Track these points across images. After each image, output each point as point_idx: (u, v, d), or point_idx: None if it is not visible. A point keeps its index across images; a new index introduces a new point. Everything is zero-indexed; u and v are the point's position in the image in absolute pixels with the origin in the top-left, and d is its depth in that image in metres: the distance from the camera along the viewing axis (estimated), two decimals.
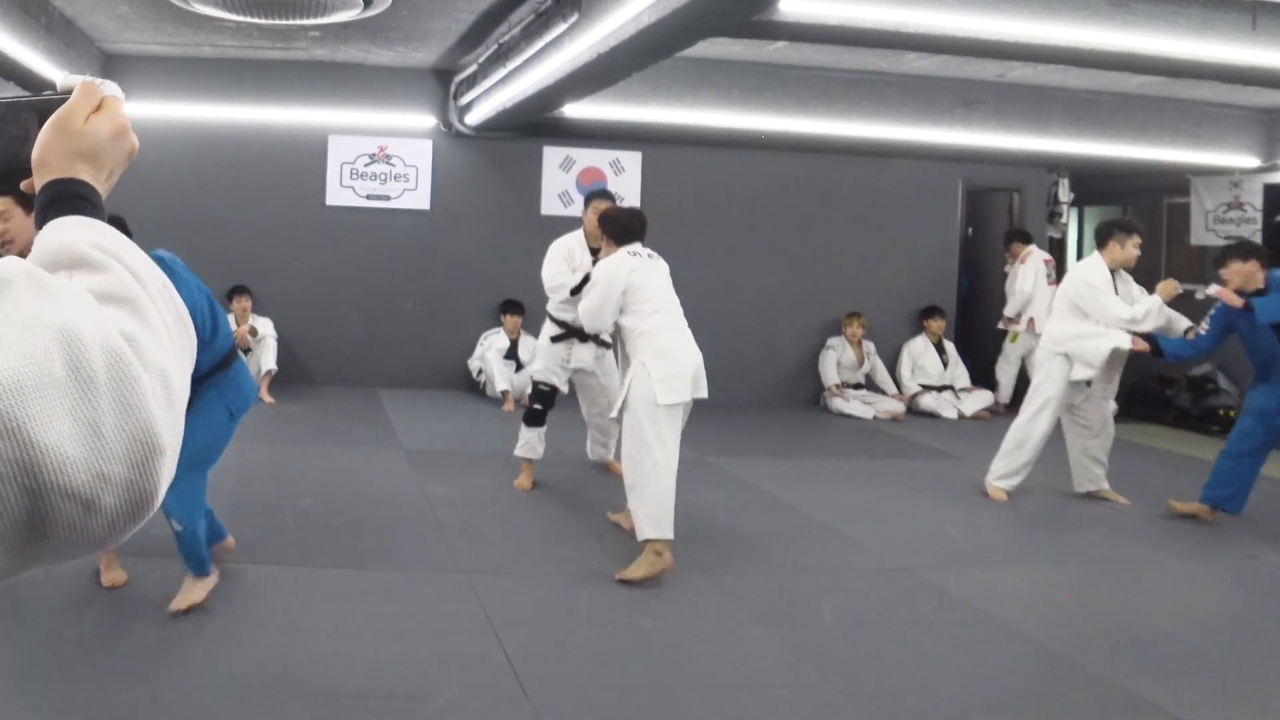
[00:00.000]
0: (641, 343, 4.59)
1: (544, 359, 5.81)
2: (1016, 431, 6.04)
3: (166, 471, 0.79)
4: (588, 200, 5.95)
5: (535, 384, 5.84)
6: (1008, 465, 6.04)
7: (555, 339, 5.77)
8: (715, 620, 4.08)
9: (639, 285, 4.65)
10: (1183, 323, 5.83)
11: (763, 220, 9.51)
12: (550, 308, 5.80)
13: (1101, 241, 5.93)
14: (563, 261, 5.75)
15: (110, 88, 1.02)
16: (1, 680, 3.18)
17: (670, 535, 4.38)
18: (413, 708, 3.19)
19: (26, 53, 6.01)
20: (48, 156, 0.97)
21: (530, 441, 5.79)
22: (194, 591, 3.84)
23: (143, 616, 3.77)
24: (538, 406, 5.79)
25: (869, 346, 9.39)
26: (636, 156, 9.28)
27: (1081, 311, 5.83)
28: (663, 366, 4.47)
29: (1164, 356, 5.81)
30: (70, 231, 0.90)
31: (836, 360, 9.28)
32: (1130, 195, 10.70)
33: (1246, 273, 5.52)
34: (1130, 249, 5.85)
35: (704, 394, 4.63)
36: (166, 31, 7.39)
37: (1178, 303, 5.81)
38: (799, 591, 4.45)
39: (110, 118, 1.00)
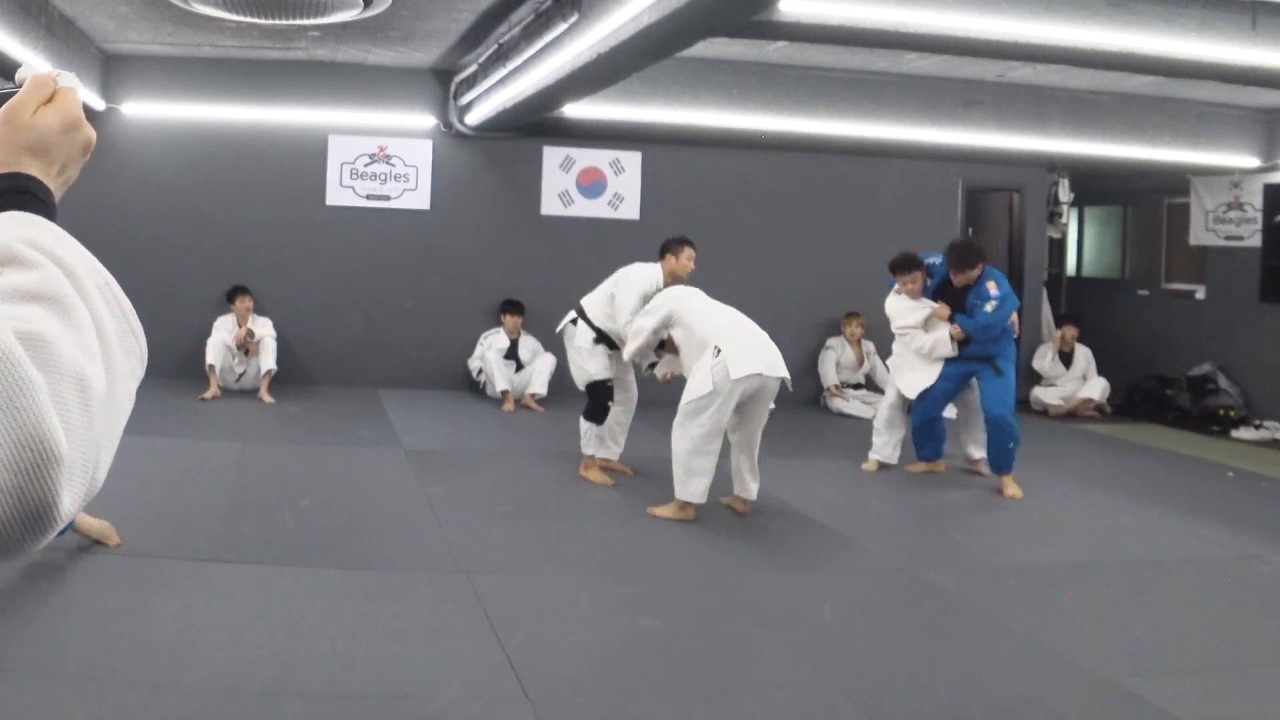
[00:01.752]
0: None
1: (599, 359, 6.00)
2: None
3: (68, 481, 0.75)
4: (675, 246, 6.20)
5: (601, 383, 6.00)
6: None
7: (597, 342, 6.02)
8: (715, 620, 4.08)
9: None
10: None
11: (763, 220, 9.51)
12: (597, 321, 6.03)
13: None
14: (639, 299, 5.92)
15: (66, 79, 0.99)
16: (2, 686, 3.18)
17: (689, 499, 5.30)
18: (413, 708, 3.19)
19: (26, 53, 6.01)
20: None
21: (601, 436, 6.05)
22: None
23: (142, 617, 3.77)
24: (610, 404, 6.03)
25: (869, 346, 9.38)
26: (636, 156, 9.28)
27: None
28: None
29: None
30: (5, 228, 0.87)
31: (836, 360, 9.29)
32: (1130, 195, 10.70)
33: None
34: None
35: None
36: (166, 31, 7.39)
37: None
38: (799, 591, 4.45)
39: (61, 110, 0.97)
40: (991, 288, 6.30)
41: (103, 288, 0.87)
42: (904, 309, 6.68)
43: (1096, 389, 9.50)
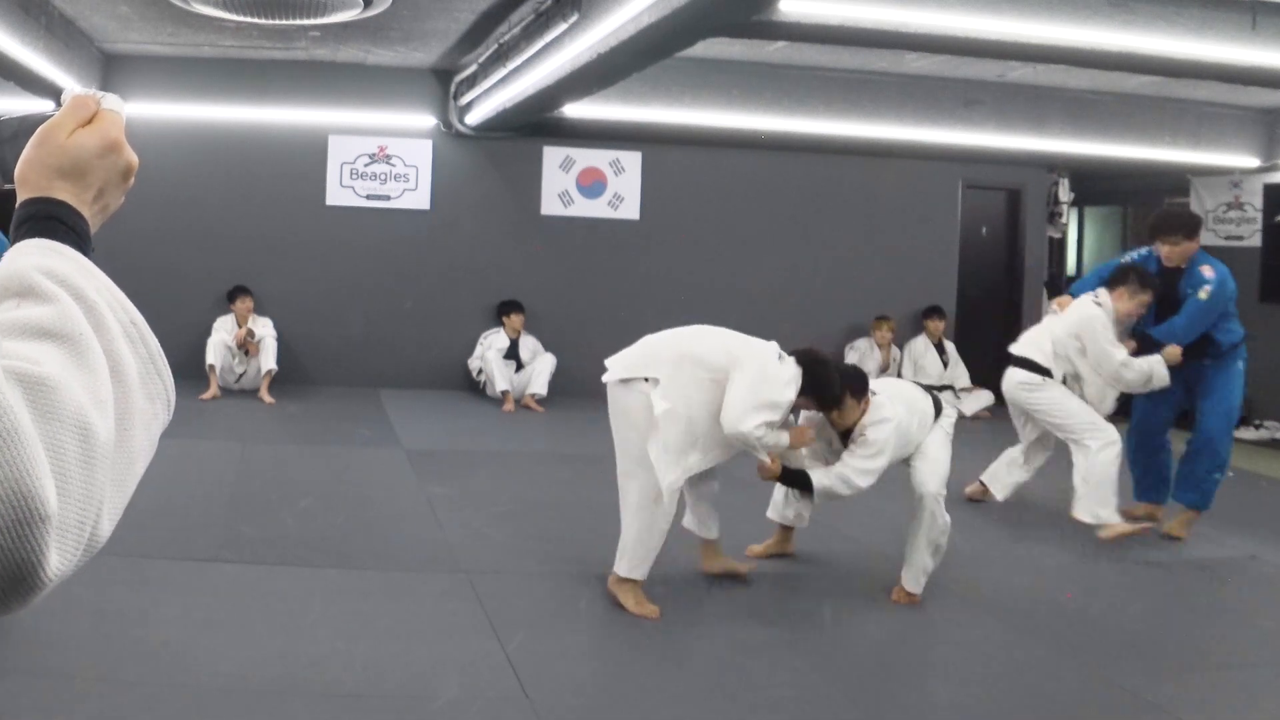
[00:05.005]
0: None
1: None
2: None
3: (57, 540, 0.70)
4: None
5: None
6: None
7: None
8: (715, 620, 4.08)
9: None
10: None
11: (762, 221, 9.51)
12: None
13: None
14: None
15: (110, 101, 0.94)
16: (2, 686, 3.18)
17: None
18: (413, 708, 3.19)
19: (26, 53, 6.01)
20: (27, 173, 0.89)
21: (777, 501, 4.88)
22: None
23: (142, 617, 3.77)
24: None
25: (896, 353, 9.30)
26: (636, 156, 9.28)
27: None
28: None
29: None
30: (27, 257, 0.82)
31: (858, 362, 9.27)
32: (1130, 195, 10.71)
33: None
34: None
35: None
36: (166, 31, 7.39)
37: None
38: (799, 591, 4.45)
39: (100, 132, 0.91)
40: (1207, 271, 5.26)
41: (127, 326, 0.82)
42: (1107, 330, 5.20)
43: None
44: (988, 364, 9.74)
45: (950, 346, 9.55)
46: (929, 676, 3.65)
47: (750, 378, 3.95)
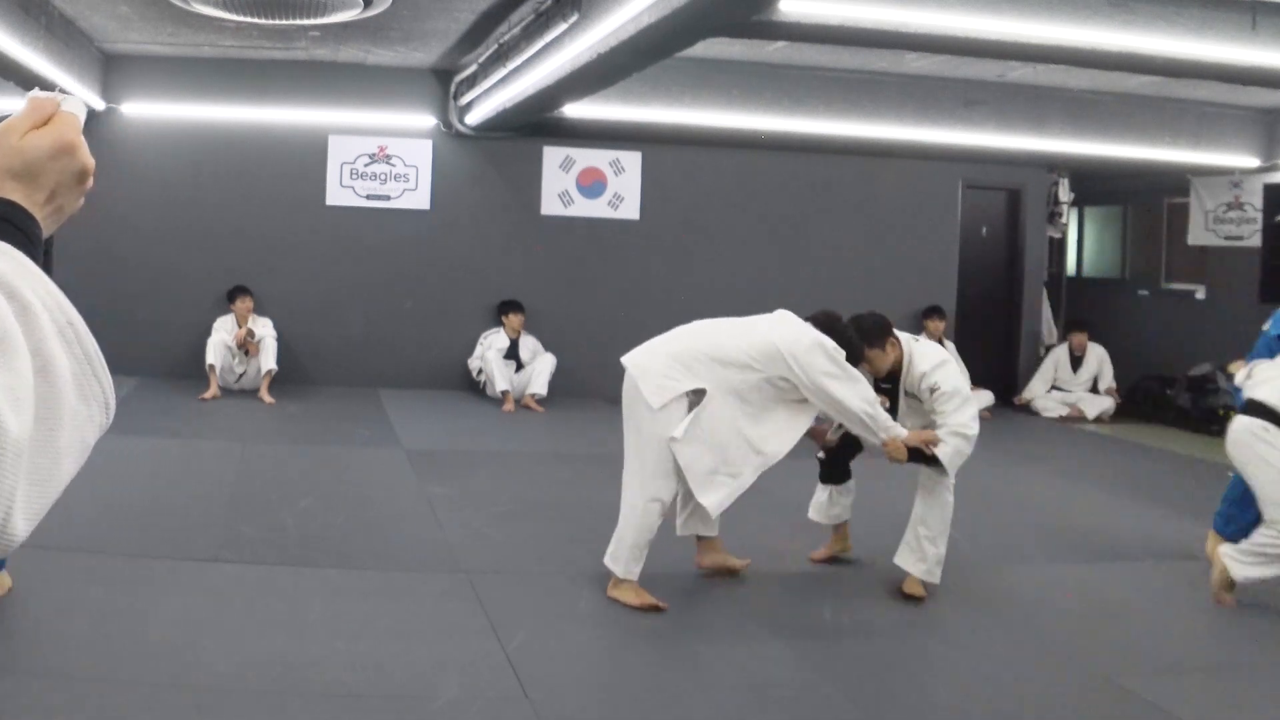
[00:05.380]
0: None
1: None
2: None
3: None
4: None
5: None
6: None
7: None
8: (715, 620, 4.08)
9: None
10: None
11: (762, 220, 9.51)
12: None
13: None
14: None
15: (70, 103, 0.95)
16: (2, 686, 3.18)
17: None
18: (413, 708, 3.19)
19: (26, 53, 6.01)
20: None
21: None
22: None
23: (142, 617, 3.77)
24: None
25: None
26: (636, 156, 9.28)
27: None
28: None
29: None
30: None
31: None
32: (1130, 195, 10.71)
33: None
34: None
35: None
36: (166, 31, 7.39)
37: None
38: (799, 591, 4.45)
39: (53, 134, 0.92)
40: None
41: (64, 327, 0.82)
42: None
43: (1097, 407, 9.44)
44: (988, 364, 9.76)
45: (950, 346, 9.54)
46: (929, 676, 3.65)
47: (821, 361, 4.05)
